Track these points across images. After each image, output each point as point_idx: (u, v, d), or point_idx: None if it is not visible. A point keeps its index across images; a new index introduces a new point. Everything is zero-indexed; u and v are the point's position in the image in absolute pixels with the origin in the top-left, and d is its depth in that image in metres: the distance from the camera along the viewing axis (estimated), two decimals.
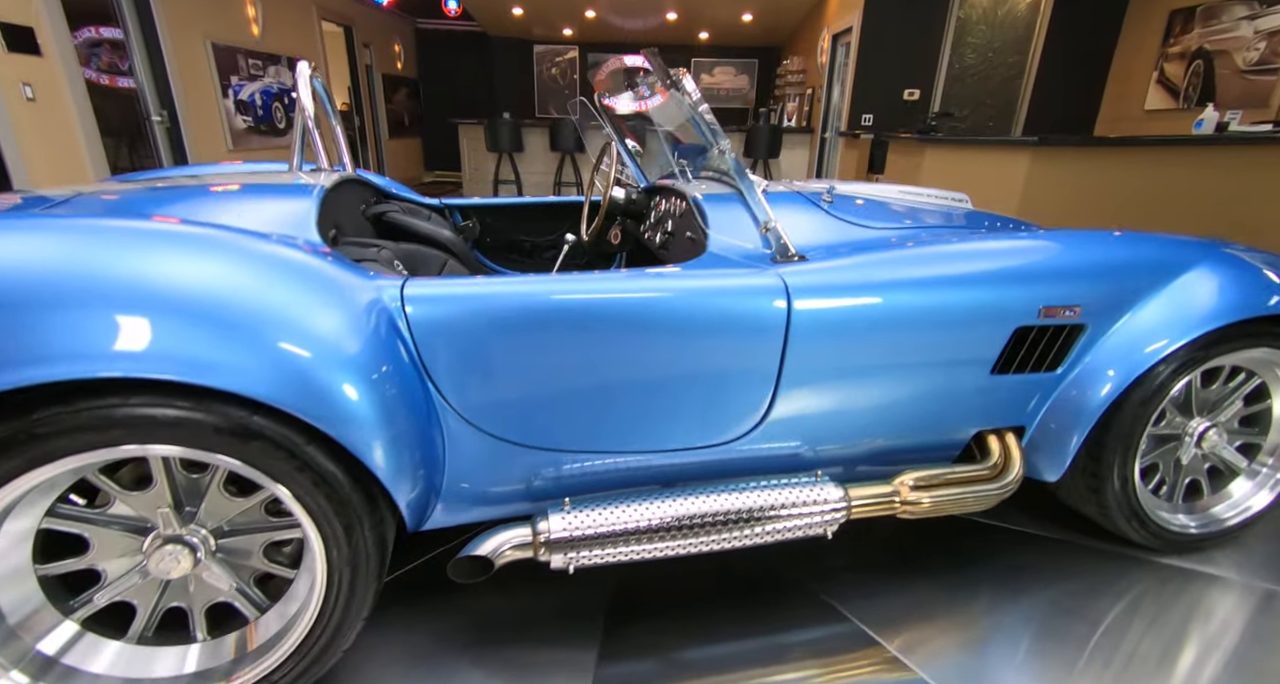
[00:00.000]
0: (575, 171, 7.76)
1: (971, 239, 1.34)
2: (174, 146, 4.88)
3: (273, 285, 0.95)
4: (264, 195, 1.33)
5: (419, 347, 1.05)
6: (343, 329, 0.96)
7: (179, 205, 1.26)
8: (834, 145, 7.07)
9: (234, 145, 5.48)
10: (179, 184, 1.46)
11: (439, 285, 1.07)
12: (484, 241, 2.32)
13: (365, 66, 8.44)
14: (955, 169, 4.43)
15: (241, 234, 1.03)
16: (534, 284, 1.09)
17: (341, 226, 1.49)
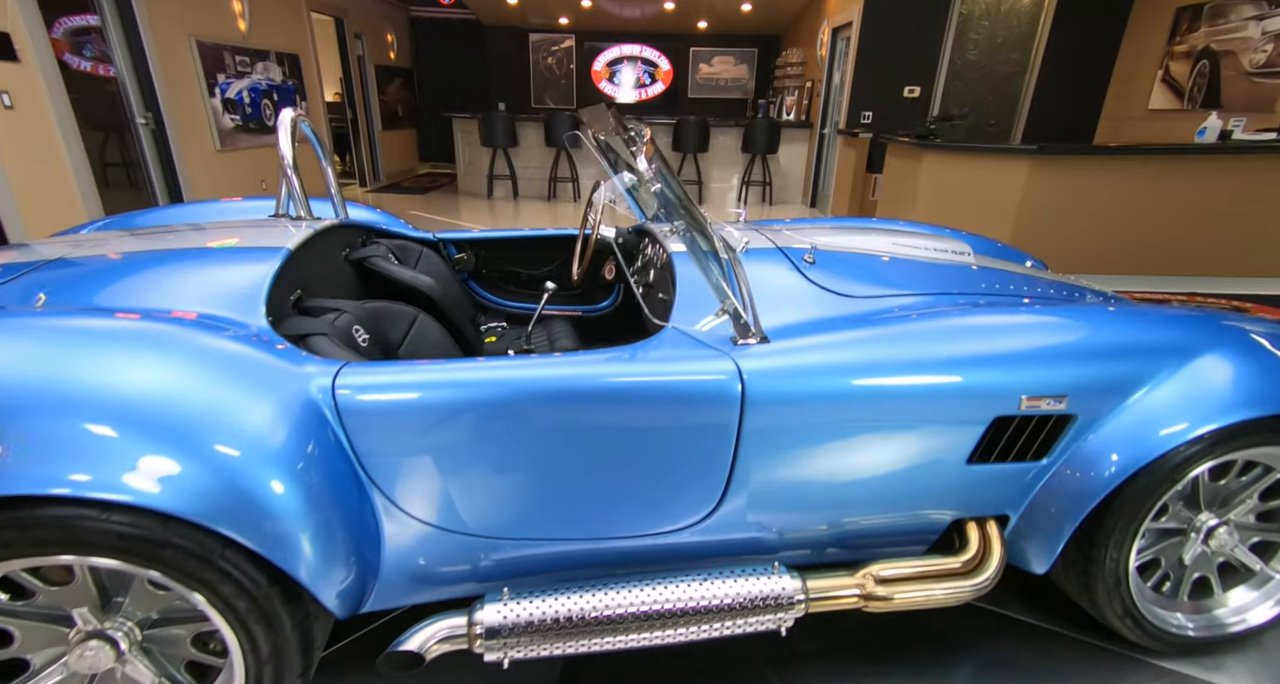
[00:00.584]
0: (571, 167, 7.67)
1: (951, 316, 1.27)
2: (160, 149, 4.81)
3: (184, 387, 0.93)
4: (220, 263, 1.30)
5: (350, 437, 1.03)
6: (262, 428, 0.94)
7: (131, 278, 1.24)
8: (833, 141, 6.97)
9: (222, 145, 5.40)
10: (144, 241, 1.45)
11: (372, 373, 1.04)
12: (480, 273, 2.30)
13: (357, 58, 8.29)
14: (952, 175, 4.36)
15: (163, 326, 1.01)
16: (470, 370, 1.06)
17: (310, 284, 1.47)
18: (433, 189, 8.52)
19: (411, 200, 7.61)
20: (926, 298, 1.46)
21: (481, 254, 2.25)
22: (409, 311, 1.53)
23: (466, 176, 8.23)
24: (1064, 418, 1.22)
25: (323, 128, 7.16)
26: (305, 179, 1.76)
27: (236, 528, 0.90)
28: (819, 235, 1.82)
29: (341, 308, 1.35)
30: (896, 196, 4.98)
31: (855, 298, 1.40)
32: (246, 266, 1.27)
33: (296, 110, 1.69)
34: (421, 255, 2.04)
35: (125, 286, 1.20)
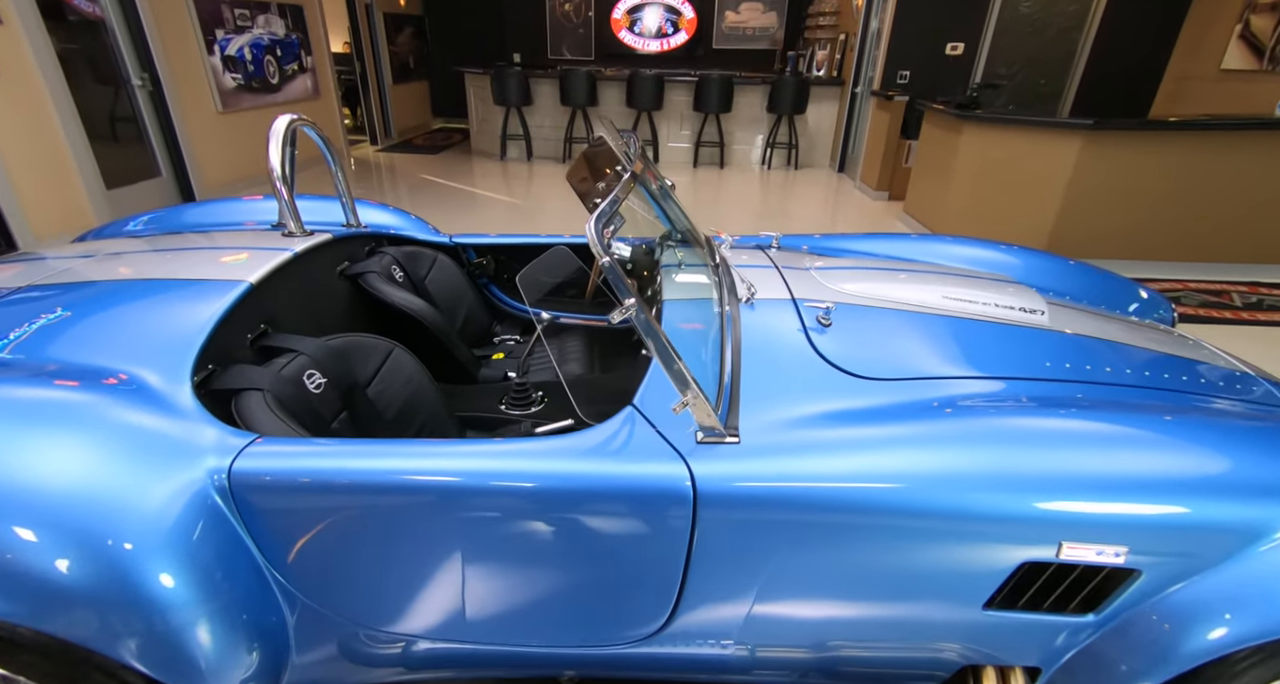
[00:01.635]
0: (586, 126, 7.32)
1: (984, 415, 1.01)
2: (159, 113, 4.64)
3: (61, 477, 0.86)
4: (171, 303, 1.21)
5: (251, 528, 0.94)
6: (142, 524, 0.86)
7: (84, 321, 1.16)
8: (865, 101, 6.50)
9: (224, 107, 5.20)
10: (134, 262, 1.41)
11: (278, 456, 0.93)
12: (500, 278, 2.16)
13: (365, 6, 7.89)
14: (995, 150, 4.01)
15: (67, 396, 0.95)
16: (388, 455, 0.95)
17: (282, 313, 1.37)
18: (445, 147, 8.25)
19: (424, 161, 7.38)
20: (970, 382, 1.13)
21: (502, 259, 2.11)
22: (382, 346, 1.40)
23: (479, 135, 7.94)
24: (1123, 571, 0.94)
25: (330, 82, 6.89)
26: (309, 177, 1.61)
27: (103, 642, 0.82)
28: (851, 280, 1.46)
29: (298, 349, 1.24)
30: (931, 167, 4.64)
31: (871, 379, 1.11)
32: (194, 308, 1.18)
33: (294, 115, 1.57)
34: (435, 263, 1.91)
35: (78, 333, 1.13)
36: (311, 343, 1.26)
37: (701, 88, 6.98)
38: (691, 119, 7.37)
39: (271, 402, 1.07)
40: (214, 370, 1.12)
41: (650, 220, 1.67)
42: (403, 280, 1.79)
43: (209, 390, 1.09)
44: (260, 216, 1.94)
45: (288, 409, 1.08)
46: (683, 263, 1.56)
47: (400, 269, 1.80)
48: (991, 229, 4.20)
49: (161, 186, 4.78)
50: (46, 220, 3.77)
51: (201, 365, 1.09)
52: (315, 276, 1.56)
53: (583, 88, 7.00)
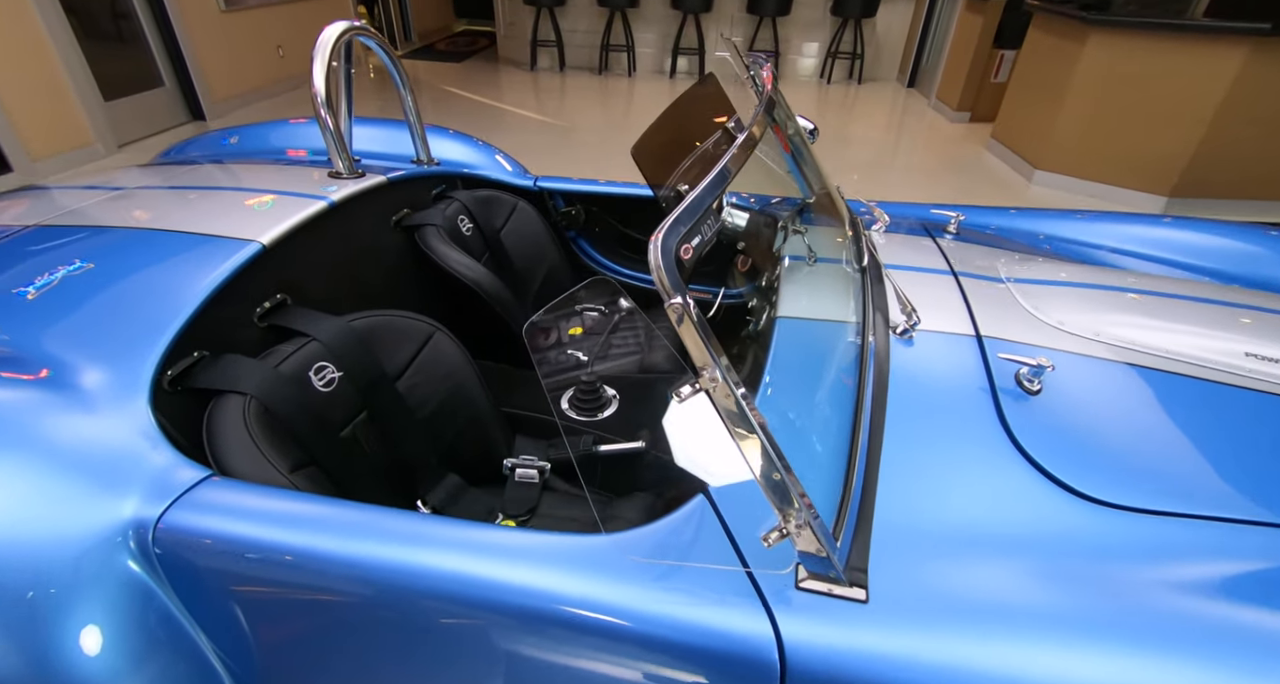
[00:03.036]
0: (626, 32, 6.53)
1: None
2: (155, 10, 4.13)
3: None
4: (160, 257, 1.00)
5: (181, 595, 0.74)
6: (46, 583, 0.67)
7: (78, 278, 0.96)
8: (950, 3, 5.60)
9: (226, 4, 4.65)
10: (151, 203, 1.19)
11: (226, 507, 0.72)
12: (591, 232, 1.82)
13: None
14: (1129, 64, 3.34)
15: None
16: (362, 529, 0.69)
17: (304, 284, 1.14)
18: (470, 54, 7.53)
19: (447, 71, 6.73)
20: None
21: (594, 209, 1.76)
22: (420, 328, 1.12)
23: (507, 40, 7.19)
24: None
25: None
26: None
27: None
28: (1074, 303, 0.99)
29: (311, 333, 0.98)
30: (1035, 83, 3.95)
31: (1108, 507, 0.69)
32: (186, 275, 0.95)
33: (350, 22, 1.28)
34: (514, 211, 1.63)
35: (66, 294, 0.94)
36: (329, 325, 1.01)
37: None
38: (744, 23, 6.51)
39: (253, 413, 0.84)
40: (201, 358, 0.90)
41: (775, 174, 1.23)
42: (471, 233, 1.50)
43: (188, 388, 0.87)
44: (359, 144, 1.63)
45: (274, 420, 0.85)
46: (813, 257, 1.13)
47: (470, 219, 1.51)
48: (1105, 162, 3.61)
49: (165, 98, 4.36)
50: (41, 137, 3.43)
51: (186, 350, 0.88)
52: (362, 228, 1.30)
53: None
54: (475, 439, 1.16)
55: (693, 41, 6.56)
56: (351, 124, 1.50)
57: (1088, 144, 3.62)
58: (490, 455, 1.16)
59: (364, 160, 1.47)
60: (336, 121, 1.29)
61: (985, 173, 4.12)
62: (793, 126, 1.12)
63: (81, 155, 3.64)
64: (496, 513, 1.09)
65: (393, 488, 1.04)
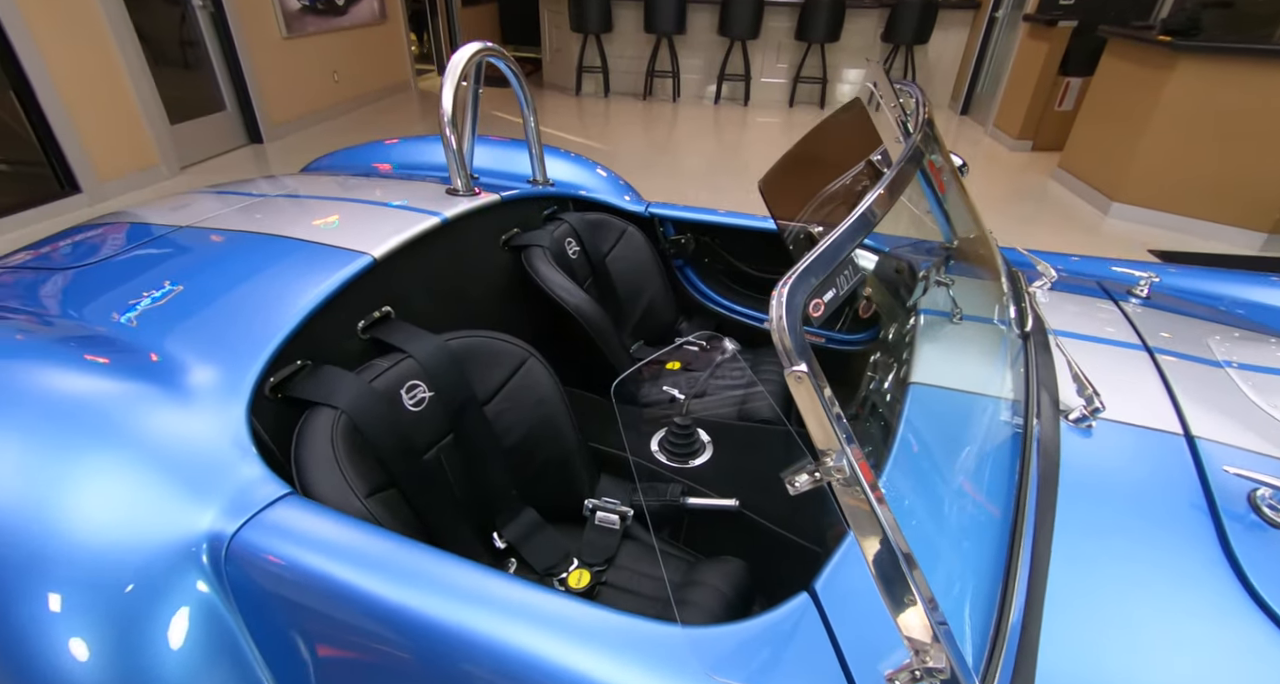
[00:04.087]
0: (672, 58, 6.54)
1: None
2: (221, 38, 4.25)
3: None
4: (280, 264, 1.02)
5: (246, 618, 0.71)
6: (111, 583, 0.66)
7: (195, 281, 1.00)
8: (1008, 29, 5.47)
9: (289, 31, 4.77)
10: (270, 213, 1.24)
11: (296, 531, 0.69)
12: (700, 262, 1.76)
13: None
14: (1223, 92, 3.15)
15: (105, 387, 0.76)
16: (425, 577, 0.65)
17: (409, 298, 1.14)
18: None
19: (493, 96, 6.82)
20: None
21: (705, 239, 1.70)
22: (514, 352, 1.08)
23: (552, 66, 7.27)
24: None
25: (399, 3, 6.34)
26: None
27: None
28: None
29: (408, 350, 0.98)
30: (1110, 110, 3.78)
31: None
32: (298, 283, 0.96)
33: (482, 44, 1.33)
34: (623, 236, 1.61)
35: (192, 292, 0.97)
36: (426, 343, 1.00)
37: (807, 11, 6.05)
38: (791, 50, 6.47)
39: (341, 430, 0.82)
40: (302, 367, 0.90)
41: (913, 212, 1.10)
42: (577, 256, 1.50)
43: (285, 397, 0.87)
44: (478, 162, 1.67)
45: (362, 439, 0.84)
46: (958, 314, 0.99)
47: (577, 242, 1.50)
48: (1193, 196, 3.40)
49: (226, 121, 4.46)
50: (111, 159, 3.50)
51: (290, 357, 0.89)
52: (470, 245, 1.32)
53: (670, 11, 6.19)
54: (558, 474, 1.11)
55: (738, 67, 6.54)
56: (474, 143, 1.52)
57: (1173, 175, 3.42)
58: (571, 493, 1.11)
59: (482, 178, 1.50)
60: (460, 139, 1.30)
61: (1054, 203, 3.93)
62: (945, 163, 1.00)
63: (146, 176, 3.72)
64: (571, 558, 1.03)
65: (469, 517, 1.01)
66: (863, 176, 1.00)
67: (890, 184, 0.67)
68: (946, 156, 0.99)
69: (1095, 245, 3.37)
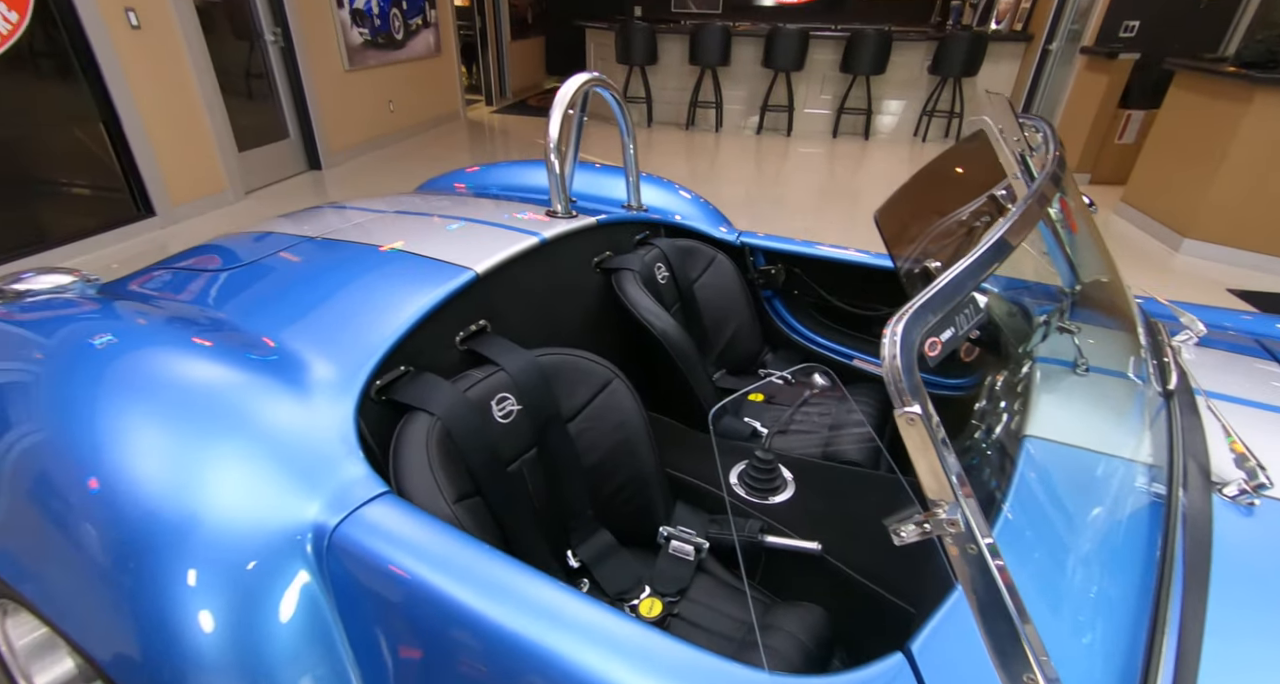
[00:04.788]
0: (716, 90, 6.62)
1: None
2: (289, 70, 4.45)
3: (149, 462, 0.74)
4: (391, 275, 1.08)
5: (340, 606, 0.74)
6: (216, 562, 0.71)
7: (300, 286, 1.09)
8: (1060, 61, 5.39)
9: (350, 64, 4.97)
10: (372, 225, 1.33)
11: (388, 529, 0.72)
12: (789, 293, 1.75)
13: None
14: None
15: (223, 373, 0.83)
16: (507, 589, 0.65)
17: (504, 313, 1.18)
18: None
19: (539, 125, 6.98)
20: None
21: (795, 271, 1.69)
22: (600, 373, 1.09)
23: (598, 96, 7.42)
24: None
25: (452, 38, 6.57)
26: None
27: None
28: None
29: (501, 363, 1.01)
30: (1179, 145, 3.65)
31: None
32: (408, 294, 1.02)
33: (591, 74, 1.39)
34: (712, 263, 1.62)
35: (288, 296, 1.06)
36: (519, 357, 1.02)
37: (853, 45, 6.07)
38: (835, 81, 6.48)
39: (436, 435, 0.86)
40: (405, 373, 0.95)
41: (1037, 255, 1.02)
42: (666, 281, 1.51)
43: (388, 400, 0.92)
44: (576, 186, 1.75)
45: (454, 447, 0.87)
46: (1083, 365, 0.90)
47: (667, 267, 1.52)
48: (1271, 232, 3.24)
49: (289, 149, 4.64)
50: (183, 185, 3.66)
51: (395, 363, 0.93)
52: (565, 265, 1.36)
53: (716, 45, 6.28)
54: (634, 498, 1.11)
55: (781, 98, 6.57)
56: (574, 168, 1.57)
57: (1252, 211, 3.27)
58: (646, 518, 1.11)
59: (579, 201, 1.55)
60: (562, 165, 1.35)
61: (1121, 239, 3.79)
62: (1075, 201, 0.94)
63: (214, 201, 3.87)
64: (644, 584, 1.02)
65: (547, 532, 1.01)
66: (985, 211, 0.94)
67: (1019, 219, 0.63)
68: (1076, 194, 0.93)
69: (1169, 284, 3.22)
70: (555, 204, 1.40)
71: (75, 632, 0.76)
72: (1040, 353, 0.94)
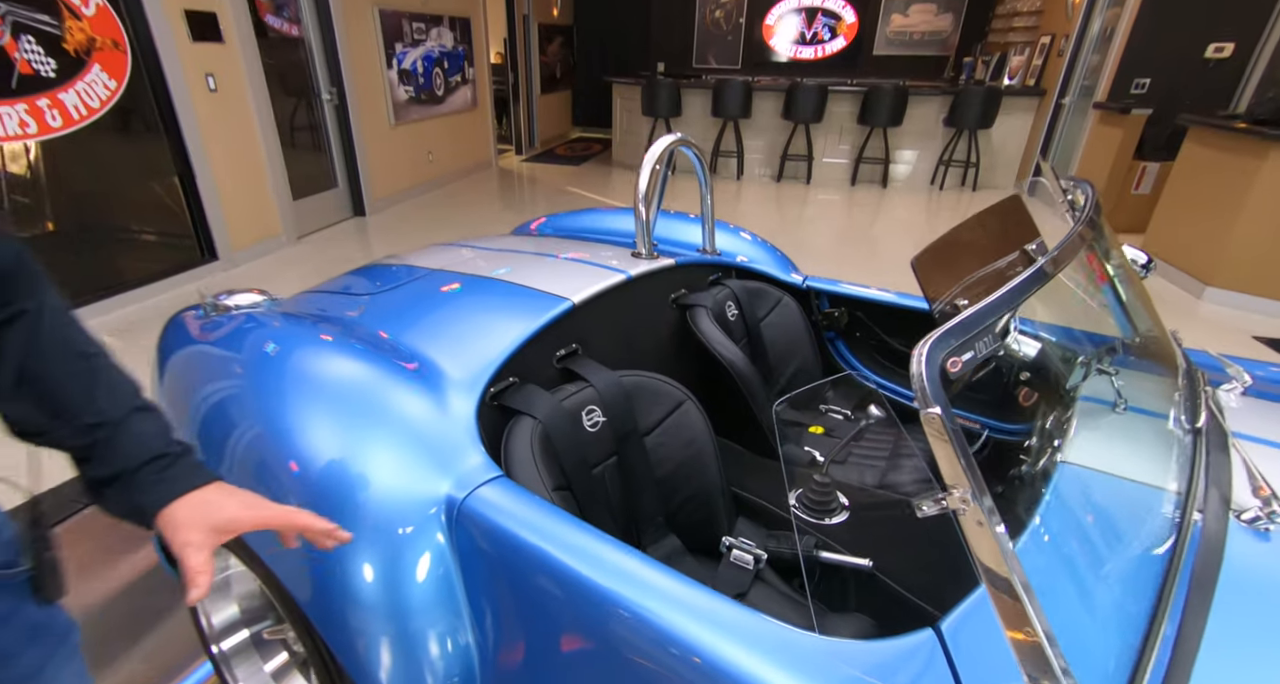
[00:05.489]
0: (737, 140, 6.90)
1: None
2: (341, 125, 4.77)
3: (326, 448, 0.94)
4: (498, 308, 1.27)
5: (462, 563, 0.91)
6: (379, 516, 0.89)
7: (437, 309, 1.29)
8: (1074, 115, 5.57)
9: (396, 119, 5.31)
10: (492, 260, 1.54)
11: (502, 505, 0.87)
12: (851, 336, 1.87)
13: (523, 17, 7.98)
14: None
15: (376, 375, 1.02)
16: (597, 560, 0.77)
17: (593, 339, 1.33)
18: (586, 158, 8.16)
19: (567, 173, 7.30)
20: None
21: (858, 314, 1.80)
22: (674, 394, 1.23)
23: (622, 147, 7.76)
24: None
25: (487, 93, 6.97)
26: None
27: (319, 617, 0.91)
28: None
29: (590, 380, 1.16)
30: (1196, 196, 3.75)
31: None
32: (516, 318, 1.21)
33: (676, 136, 1.56)
34: (778, 304, 1.75)
35: (423, 316, 1.26)
36: (605, 376, 1.18)
37: (869, 99, 6.34)
38: (853, 133, 6.74)
39: (538, 436, 1.02)
40: (512, 383, 1.11)
41: (1088, 308, 1.12)
42: (735, 319, 1.65)
43: (500, 405, 1.08)
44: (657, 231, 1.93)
45: (552, 447, 1.04)
46: (1122, 404, 0.98)
47: (736, 306, 1.66)
48: None
49: (337, 197, 4.92)
50: (243, 231, 3.90)
51: (505, 375, 1.10)
52: (646, 300, 1.53)
53: (737, 98, 6.59)
54: (700, 509, 1.22)
55: (801, 148, 6.83)
56: (658, 215, 1.75)
57: (1274, 262, 3.33)
58: (711, 528, 1.22)
59: (661, 245, 1.72)
60: (648, 212, 1.53)
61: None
62: (1117, 257, 1.04)
63: (270, 245, 4.10)
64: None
65: (621, 533, 1.09)
66: (1016, 263, 1.05)
67: (1040, 266, 0.71)
68: (1116, 247, 1.02)
69: (1195, 331, 3.27)
70: (640, 246, 1.57)
71: (281, 573, 0.97)
72: (1085, 393, 1.03)
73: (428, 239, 4.56)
